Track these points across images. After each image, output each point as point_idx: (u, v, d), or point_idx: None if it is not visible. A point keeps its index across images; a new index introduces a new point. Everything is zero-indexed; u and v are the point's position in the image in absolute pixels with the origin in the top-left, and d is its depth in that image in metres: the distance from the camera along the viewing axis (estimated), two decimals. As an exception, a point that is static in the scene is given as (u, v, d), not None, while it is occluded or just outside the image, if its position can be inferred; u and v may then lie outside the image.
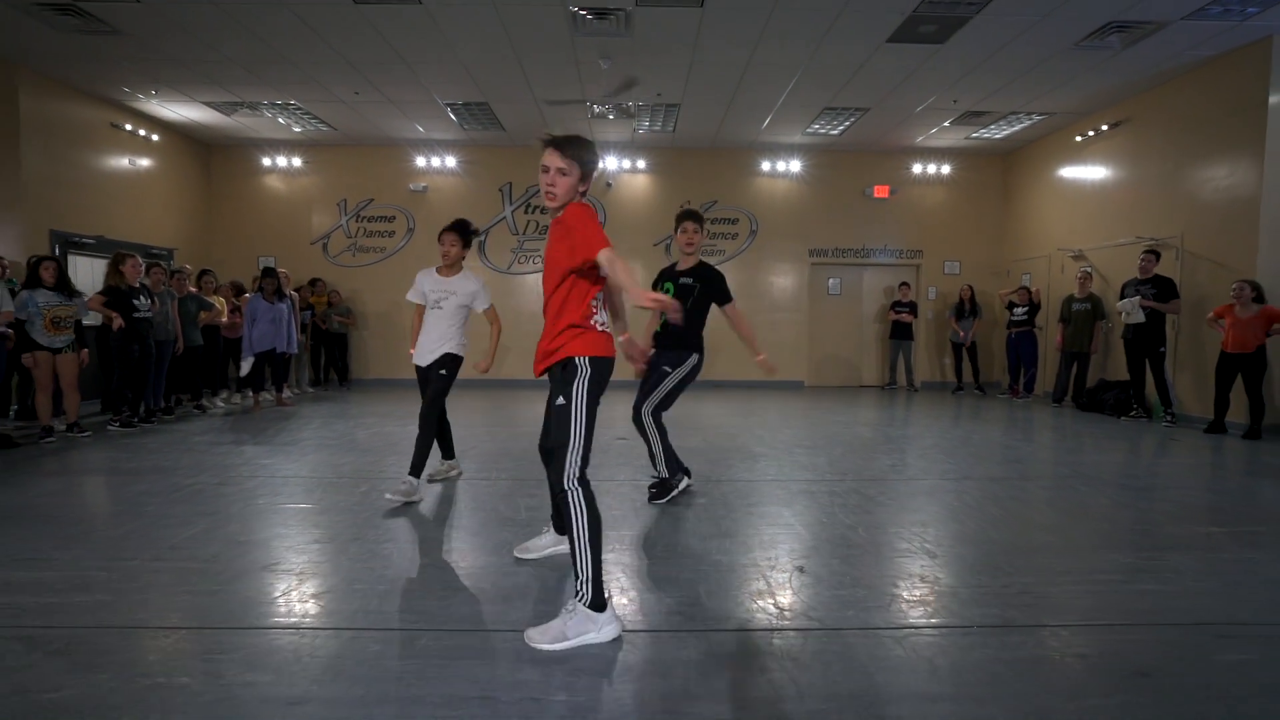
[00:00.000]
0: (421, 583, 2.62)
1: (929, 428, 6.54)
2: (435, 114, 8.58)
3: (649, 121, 8.90)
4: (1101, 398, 7.67)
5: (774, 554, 2.93)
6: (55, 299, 5.44)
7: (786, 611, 2.37)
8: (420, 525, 3.37)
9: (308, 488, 4.03)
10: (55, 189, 7.43)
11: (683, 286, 3.75)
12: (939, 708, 1.77)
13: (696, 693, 1.84)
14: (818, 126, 9.03)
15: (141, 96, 8.01)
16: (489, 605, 2.41)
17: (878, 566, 2.81)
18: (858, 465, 4.74)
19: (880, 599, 2.48)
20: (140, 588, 2.52)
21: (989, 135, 9.24)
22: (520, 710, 1.75)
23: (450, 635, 2.17)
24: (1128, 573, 2.74)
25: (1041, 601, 2.46)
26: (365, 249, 10.20)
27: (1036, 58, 6.64)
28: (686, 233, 3.76)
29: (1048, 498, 3.93)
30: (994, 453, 5.27)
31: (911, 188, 10.27)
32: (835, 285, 10.54)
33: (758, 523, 3.39)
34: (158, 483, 4.07)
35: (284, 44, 6.46)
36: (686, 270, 3.81)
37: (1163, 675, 1.94)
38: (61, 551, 2.88)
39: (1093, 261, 8.34)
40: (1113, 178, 8.10)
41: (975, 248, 10.39)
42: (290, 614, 2.31)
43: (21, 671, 1.92)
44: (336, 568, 2.75)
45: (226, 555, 2.86)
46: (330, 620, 2.27)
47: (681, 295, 3.70)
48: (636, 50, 6.58)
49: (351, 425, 6.37)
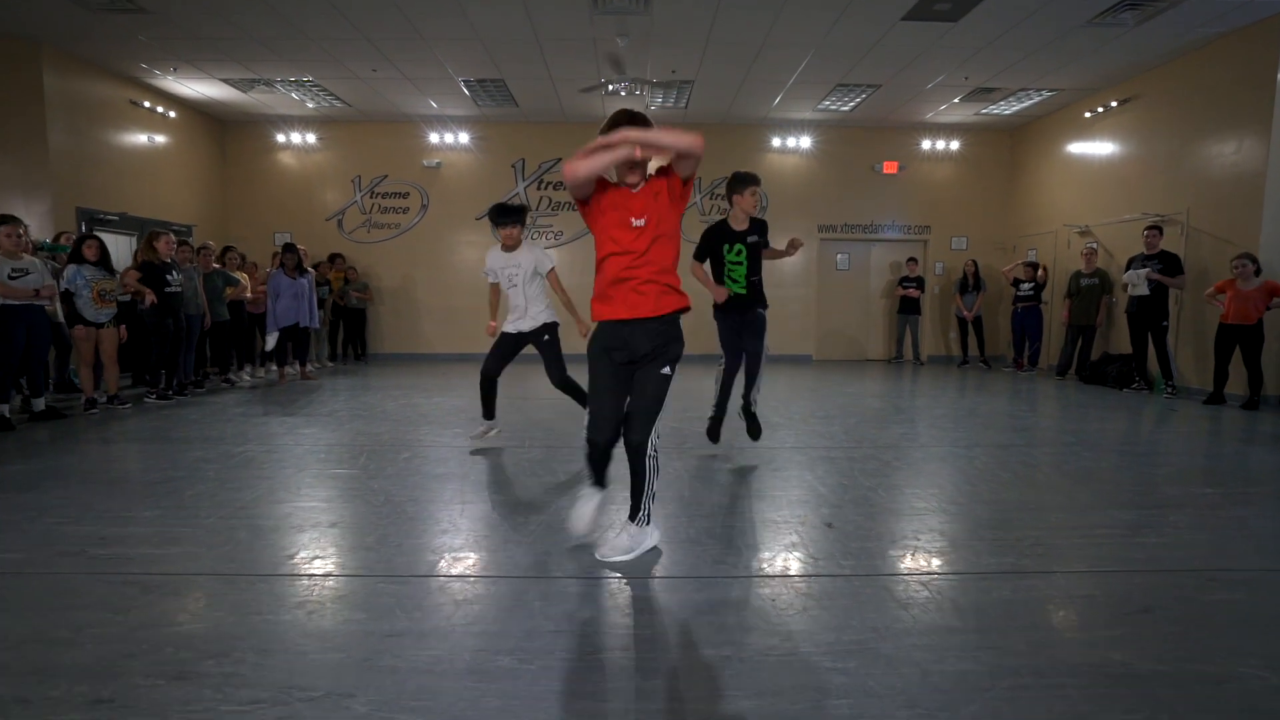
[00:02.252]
0: (482, 535, 2.85)
1: (937, 399, 6.76)
2: (451, 90, 8.65)
3: (662, 98, 8.97)
4: (1104, 370, 7.89)
5: (802, 511, 3.16)
6: (99, 273, 5.62)
7: (820, 560, 2.60)
8: (466, 488, 3.59)
9: (352, 454, 4.26)
10: (80, 166, 7.56)
11: (752, 245, 4.02)
12: (963, 639, 2.00)
13: (750, 625, 2.08)
14: (829, 103, 9.10)
15: (160, 73, 8.09)
16: (541, 555, 2.64)
17: (899, 522, 3.04)
18: (872, 434, 4.97)
19: (905, 549, 2.71)
20: (224, 541, 2.75)
21: (998, 111, 9.31)
22: (593, 643, 1.99)
23: (516, 581, 2.40)
24: (1129, 527, 2.98)
25: (1051, 552, 2.69)
26: (380, 225, 10.33)
27: (1049, 35, 6.72)
28: (755, 195, 3.96)
29: (1054, 462, 4.15)
30: (1001, 422, 5.49)
31: (920, 163, 10.36)
32: (844, 260, 10.70)
33: (784, 484, 3.62)
34: (210, 450, 4.30)
35: (307, 22, 6.54)
36: (749, 229, 4.04)
37: (1160, 611, 2.17)
38: (143, 511, 3.11)
39: (1099, 237, 8.49)
40: (1120, 154, 8.21)
41: (982, 223, 10.52)
42: (363, 565, 2.55)
43: (143, 609, 2.15)
44: (396, 525, 2.98)
45: (296, 515, 3.09)
46: (401, 569, 2.50)
47: (754, 254, 4.02)
48: (654, 28, 6.65)
49: (380, 397, 6.59)
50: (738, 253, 4.02)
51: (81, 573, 2.43)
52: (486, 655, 1.90)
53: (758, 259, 4.07)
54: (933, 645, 1.96)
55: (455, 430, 5.00)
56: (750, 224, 4.05)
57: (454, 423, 5.30)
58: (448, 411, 5.83)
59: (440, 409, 5.95)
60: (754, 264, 4.06)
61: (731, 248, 4.03)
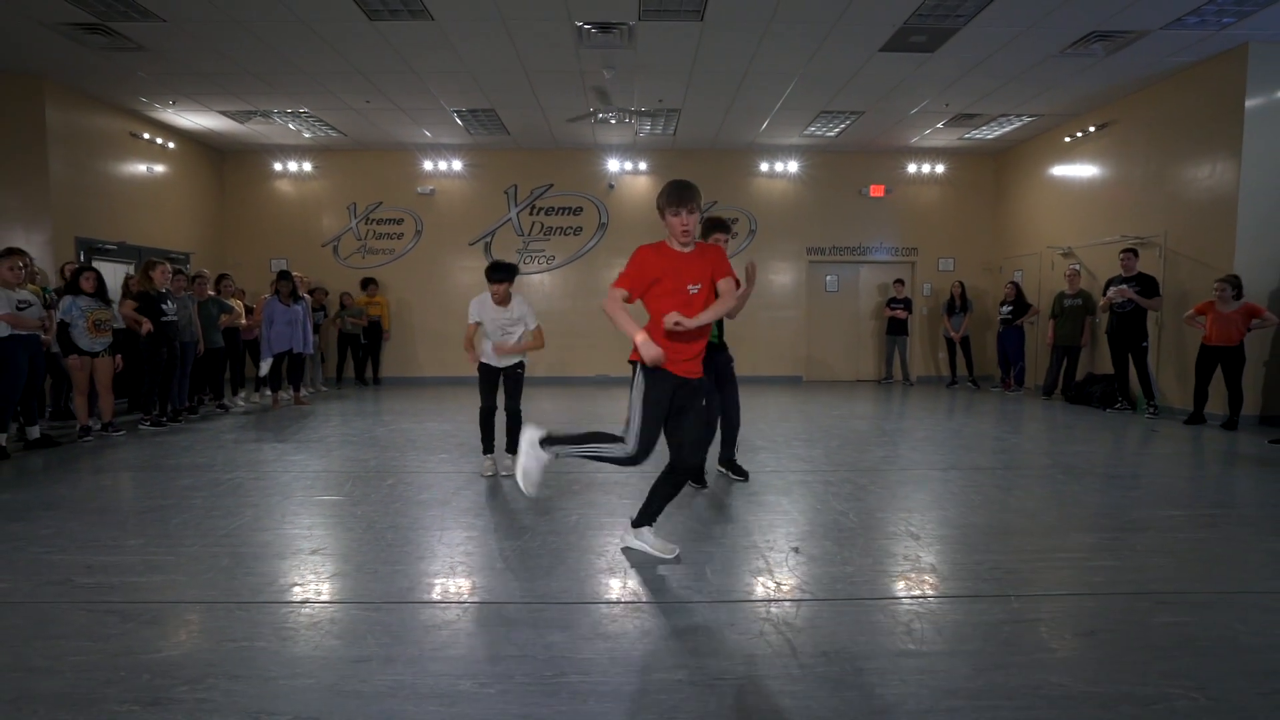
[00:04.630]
0: (457, 561, 2.93)
1: (922, 421, 6.85)
2: (443, 120, 8.86)
3: (650, 125, 9.17)
4: (1089, 390, 7.98)
5: (772, 537, 3.24)
6: (94, 303, 5.74)
7: (783, 585, 2.67)
8: (446, 514, 3.67)
9: (338, 481, 4.34)
10: (79, 196, 7.73)
11: None
12: (913, 662, 2.08)
13: (707, 649, 2.15)
14: (815, 129, 9.30)
15: (159, 106, 8.30)
16: (511, 582, 2.72)
17: (866, 547, 3.11)
18: (852, 457, 5.05)
19: (866, 575, 2.78)
20: (206, 569, 2.83)
21: (981, 136, 9.51)
22: (554, 666, 2.06)
23: (486, 607, 2.48)
24: (1090, 551, 3.05)
25: (1009, 576, 2.76)
26: (375, 251, 10.49)
27: (1024, 64, 6.91)
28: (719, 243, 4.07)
29: (1027, 486, 4.23)
30: (982, 444, 5.58)
31: (906, 187, 10.55)
32: (833, 282, 10.84)
33: (757, 510, 3.70)
34: (198, 477, 4.39)
35: (300, 57, 6.74)
36: None
37: (1105, 634, 2.25)
38: (128, 540, 3.19)
39: (1081, 258, 8.63)
40: (1100, 177, 8.38)
41: (969, 245, 10.68)
42: (339, 592, 2.62)
43: (123, 637, 2.23)
44: (375, 552, 3.05)
45: (277, 543, 3.17)
46: (375, 596, 2.58)
47: None
48: (639, 61, 6.85)
49: (370, 423, 6.68)
50: None
51: (65, 601, 2.51)
52: (449, 679, 1.97)
53: None
54: (881, 670, 2.03)
55: (441, 456, 5.09)
56: None
57: (441, 448, 5.39)
58: (435, 436, 5.91)
59: (428, 434, 6.04)
60: None
61: None
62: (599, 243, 10.55)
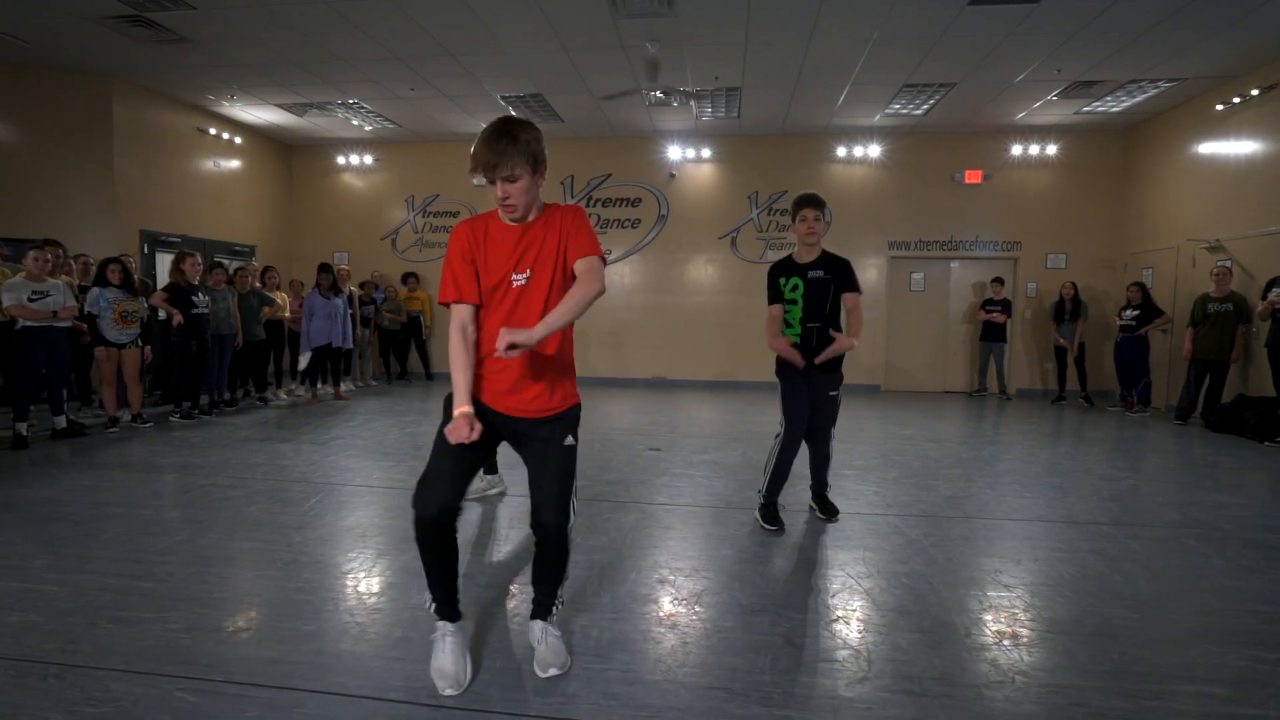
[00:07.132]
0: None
1: (1011, 447, 5.70)
2: (491, 107, 8.47)
3: (711, 108, 8.39)
4: (1240, 416, 6.44)
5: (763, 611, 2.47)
6: (122, 295, 5.73)
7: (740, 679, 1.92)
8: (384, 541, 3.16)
9: (305, 495, 3.94)
10: (145, 191, 7.94)
11: (814, 281, 3.34)
12: None
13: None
14: (898, 106, 8.18)
15: (224, 101, 8.42)
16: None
17: (867, 638, 2.29)
18: (908, 496, 4.11)
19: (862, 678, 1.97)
20: (75, 610, 2.44)
21: (1104, 109, 8.03)
22: None
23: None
24: (1234, 682, 2.06)
25: (1094, 716, 1.86)
26: (430, 244, 10.34)
27: (1162, 11, 5.58)
28: (806, 221, 3.30)
29: (1141, 555, 3.17)
30: (1085, 485, 4.44)
31: (1010, 171, 9.15)
32: (919, 280, 9.60)
33: (764, 552, 2.92)
34: (174, 482, 4.13)
35: (333, 42, 6.51)
36: (814, 262, 3.37)
37: None
38: (37, 556, 2.88)
39: (1233, 253, 7.04)
40: (1263, 153, 6.77)
41: (1084, 239, 9.13)
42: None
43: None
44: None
45: (185, 583, 2.75)
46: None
47: (816, 292, 3.33)
48: (683, 31, 6.12)
49: (390, 423, 6.37)
50: (793, 288, 3.36)
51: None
52: None
53: (821, 299, 3.34)
54: None
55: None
56: (822, 258, 3.37)
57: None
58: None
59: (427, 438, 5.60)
60: (813, 306, 3.34)
61: (788, 282, 3.38)
62: (658, 235, 9.88)
